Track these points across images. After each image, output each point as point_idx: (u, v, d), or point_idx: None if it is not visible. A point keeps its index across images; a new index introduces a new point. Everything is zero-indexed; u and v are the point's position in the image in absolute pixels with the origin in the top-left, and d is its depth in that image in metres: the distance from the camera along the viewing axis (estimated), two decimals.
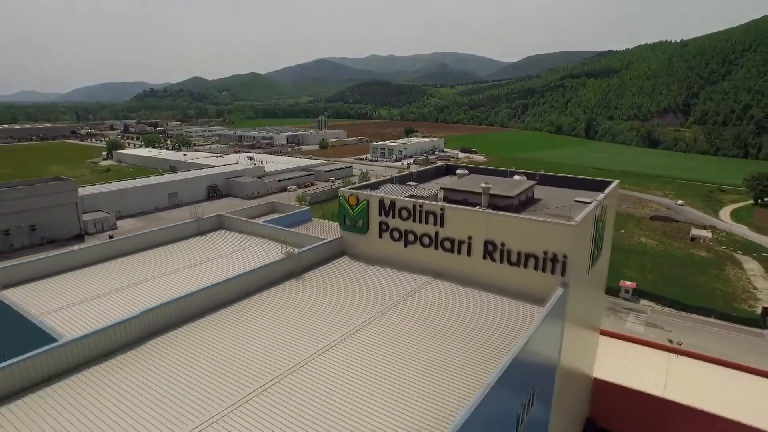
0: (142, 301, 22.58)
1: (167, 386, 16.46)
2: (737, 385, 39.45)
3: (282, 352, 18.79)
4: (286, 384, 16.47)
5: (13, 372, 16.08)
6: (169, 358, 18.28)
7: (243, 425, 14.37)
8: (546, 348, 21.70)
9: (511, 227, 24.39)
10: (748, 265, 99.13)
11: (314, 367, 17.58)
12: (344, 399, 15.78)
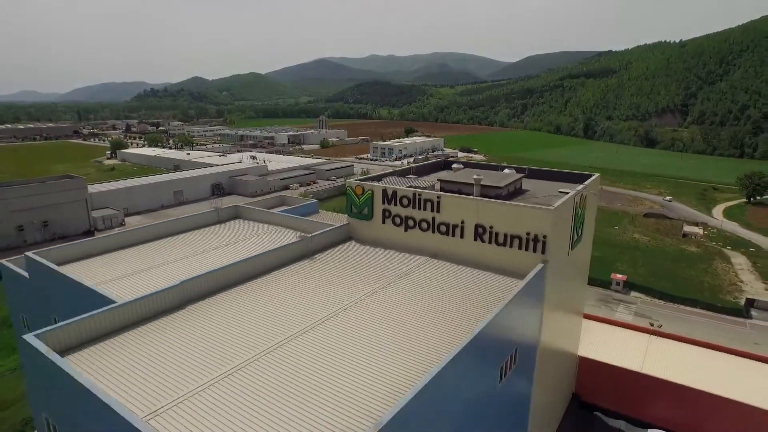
0: (178, 275, 25.95)
1: (204, 340, 19.85)
2: (709, 361, 42.92)
3: (297, 316, 22.16)
4: (301, 341, 19.85)
5: (87, 323, 19.55)
6: (205, 319, 21.69)
7: (270, 370, 17.73)
8: (527, 314, 25.14)
9: (499, 212, 27.84)
10: (735, 260, 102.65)
11: (325, 329, 20.93)
12: (349, 351, 19.12)
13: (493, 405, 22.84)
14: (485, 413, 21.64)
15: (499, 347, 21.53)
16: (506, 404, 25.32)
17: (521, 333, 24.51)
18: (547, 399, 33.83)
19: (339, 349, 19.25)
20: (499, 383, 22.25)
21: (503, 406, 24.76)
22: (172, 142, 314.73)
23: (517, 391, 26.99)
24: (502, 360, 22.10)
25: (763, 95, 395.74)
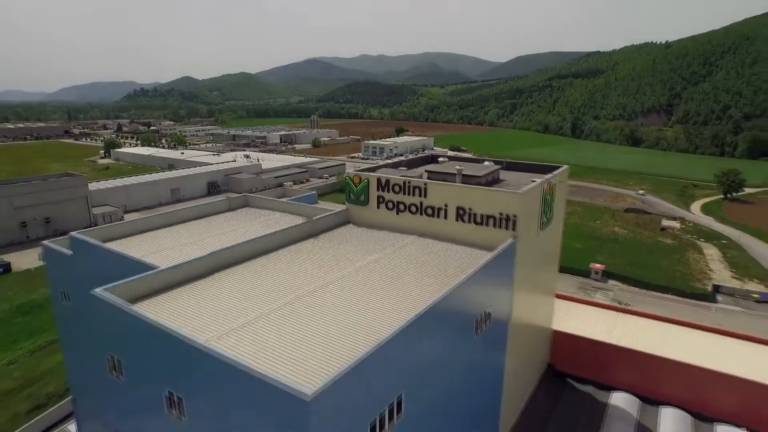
0: (205, 249, 30.48)
1: (236, 295, 24.46)
2: (667, 333, 48.21)
3: (307, 280, 26.77)
4: (312, 297, 24.44)
5: (144, 281, 24.15)
6: (234, 280, 26.30)
7: (289, 316, 22.30)
8: (500, 280, 30.02)
9: (476, 196, 32.69)
10: (707, 251, 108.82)
11: (329, 289, 25.55)
12: (349, 304, 23.76)
13: (471, 365, 27.69)
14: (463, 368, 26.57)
15: (474, 303, 26.38)
16: (483, 368, 30.23)
17: (494, 295, 29.37)
18: (520, 368, 38.62)
19: (341, 302, 23.95)
20: (474, 335, 27.09)
21: (480, 368, 29.64)
22: (165, 141, 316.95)
23: (492, 359, 31.92)
24: (477, 314, 26.95)
25: (744, 96, 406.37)
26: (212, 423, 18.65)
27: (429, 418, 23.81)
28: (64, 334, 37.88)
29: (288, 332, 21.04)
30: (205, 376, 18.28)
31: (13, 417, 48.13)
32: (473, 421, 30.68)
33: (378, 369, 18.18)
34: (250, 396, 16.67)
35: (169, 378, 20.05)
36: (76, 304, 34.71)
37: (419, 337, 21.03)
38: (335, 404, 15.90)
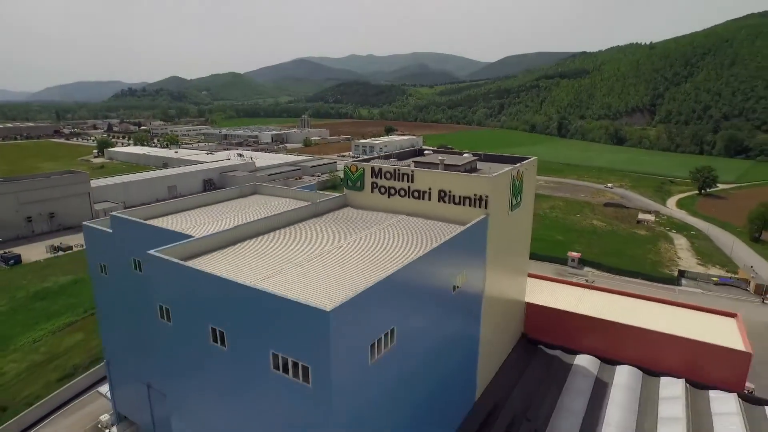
0: (228, 226, 36.25)
1: (263, 255, 30.38)
2: (625, 304, 54.88)
3: (314, 247, 32.67)
4: (319, 259, 30.25)
5: (185, 246, 29.92)
6: (254, 248, 32.13)
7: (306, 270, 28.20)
8: (474, 247, 36.20)
9: (455, 181, 38.85)
10: (678, 241, 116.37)
11: (333, 253, 31.30)
12: (351, 260, 29.80)
13: (450, 320, 33.85)
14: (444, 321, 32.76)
15: (452, 263, 32.56)
16: (461, 327, 36.44)
17: (469, 261, 35.55)
18: (494, 335, 44.86)
19: (344, 261, 29.93)
20: (452, 291, 33.27)
21: (458, 326, 35.82)
22: (158, 141, 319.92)
23: (468, 325, 38.16)
24: (456, 273, 33.13)
25: (723, 96, 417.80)
26: (249, 346, 24.56)
27: (416, 356, 29.92)
28: (101, 304, 43.40)
29: (305, 279, 27.13)
30: (246, 309, 24.21)
31: (45, 385, 53.50)
32: (454, 374, 36.89)
33: (375, 302, 24.30)
34: (284, 317, 22.63)
35: (213, 315, 25.90)
36: (113, 275, 40.30)
37: (406, 284, 27.16)
38: (346, 320, 21.96)
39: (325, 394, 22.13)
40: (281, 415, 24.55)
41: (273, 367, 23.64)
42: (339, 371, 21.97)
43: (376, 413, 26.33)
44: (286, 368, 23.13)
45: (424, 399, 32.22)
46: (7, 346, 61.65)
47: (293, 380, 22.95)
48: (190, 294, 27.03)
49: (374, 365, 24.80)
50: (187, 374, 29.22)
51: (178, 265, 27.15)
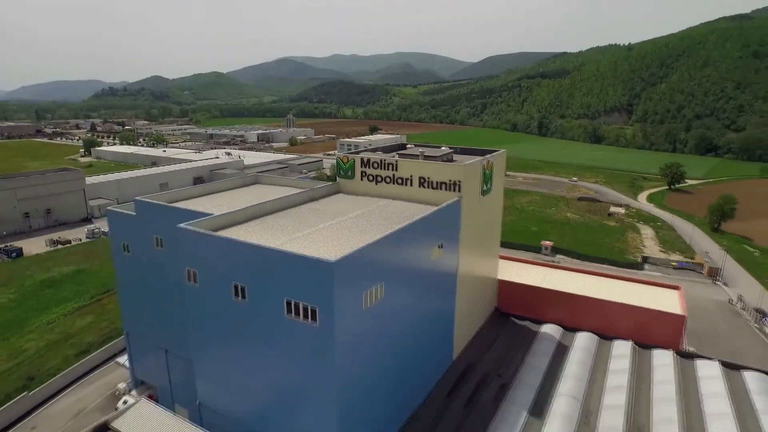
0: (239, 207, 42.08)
1: (282, 228, 36.43)
2: (585, 280, 62.05)
3: (313, 223, 38.83)
4: (318, 232, 36.20)
5: (211, 221, 35.81)
6: (262, 224, 38.15)
7: (309, 239, 34.20)
8: (449, 225, 42.69)
9: (433, 168, 45.29)
10: (644, 231, 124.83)
11: (330, 227, 37.44)
12: (347, 229, 36.00)
13: (430, 286, 40.26)
14: (424, 287, 39.16)
15: (430, 234, 39.01)
16: (438, 296, 42.91)
17: (445, 233, 42.01)
18: (468, 305, 51.35)
19: (339, 233, 36.11)
20: (430, 259, 39.72)
21: (436, 295, 42.28)
22: (144, 140, 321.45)
23: (444, 302, 44.69)
24: (433, 245, 39.60)
25: (696, 96, 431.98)
26: (267, 296, 30.64)
27: (401, 312, 36.26)
28: (123, 280, 48.90)
29: (310, 243, 33.45)
30: (264, 266, 30.33)
31: (63, 359, 58.67)
32: (433, 335, 43.39)
33: (367, 260, 30.66)
34: (297, 270, 28.83)
35: (236, 274, 31.90)
36: (136, 253, 45.91)
37: (391, 249, 33.57)
38: (345, 271, 28.25)
39: (329, 331, 28.41)
40: (293, 355, 30.71)
41: (286, 312, 29.81)
42: (340, 311, 28.28)
43: (369, 353, 32.68)
44: (297, 312, 29.34)
45: (408, 351, 38.60)
46: (24, 328, 66.48)
47: (303, 322, 29.19)
48: (216, 258, 33.01)
49: (367, 311, 31.16)
50: (210, 331, 35.12)
51: (206, 235, 33.16)
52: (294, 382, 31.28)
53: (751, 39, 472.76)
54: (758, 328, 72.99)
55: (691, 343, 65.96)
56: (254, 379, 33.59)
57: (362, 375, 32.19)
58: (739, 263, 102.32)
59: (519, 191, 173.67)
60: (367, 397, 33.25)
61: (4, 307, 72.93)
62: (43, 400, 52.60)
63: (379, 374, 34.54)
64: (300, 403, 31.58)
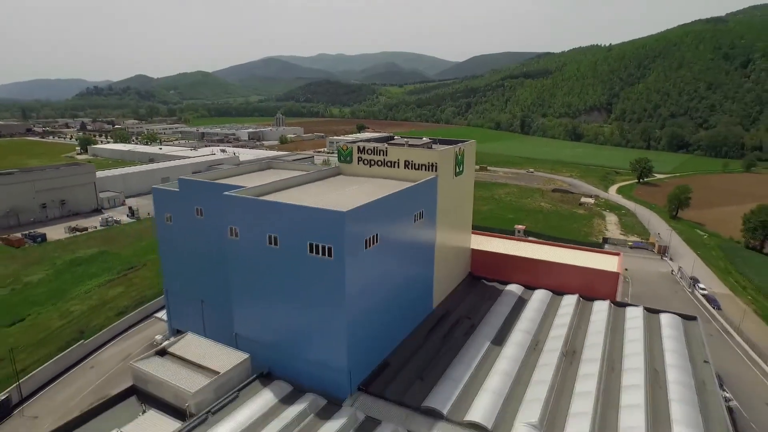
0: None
1: (288, 198, 47.86)
2: (544, 248, 74.47)
3: (324, 192, 50.28)
4: (327, 197, 47.73)
5: (247, 191, 47.13)
6: (284, 195, 49.48)
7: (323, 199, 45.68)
8: (428, 196, 54.50)
9: (416, 153, 57.09)
10: (609, 218, 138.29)
11: (336, 195, 48.95)
12: (348, 197, 47.21)
13: (413, 245, 52.00)
14: (408, 244, 50.87)
15: (413, 202, 50.83)
16: (420, 256, 54.64)
17: (425, 202, 53.81)
18: (445, 271, 63.20)
19: (343, 197, 47.58)
20: (413, 221, 51.52)
21: (418, 255, 54.03)
22: (136, 138, 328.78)
23: (425, 263, 56.51)
24: (415, 211, 51.42)
25: (671, 96, 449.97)
26: (294, 241, 42.05)
27: (391, 258, 47.88)
28: (164, 245, 59.84)
29: (325, 203, 44.77)
30: (293, 218, 41.74)
31: (105, 318, 69.37)
32: (417, 286, 55.14)
33: (366, 214, 42.27)
34: (317, 219, 40.35)
35: (270, 227, 43.22)
36: (177, 222, 56.95)
37: (384, 209, 45.27)
38: (352, 219, 39.82)
39: (341, 263, 40.00)
40: (313, 285, 42.18)
41: (309, 252, 41.33)
42: (348, 249, 39.89)
43: (368, 287, 44.30)
44: (317, 251, 40.89)
45: (397, 295, 50.34)
46: (66, 296, 76.87)
47: (321, 257, 40.74)
48: (254, 216, 44.34)
49: (367, 251, 42.86)
50: (247, 274, 46.36)
51: (248, 199, 44.61)
52: (313, 307, 42.79)
53: (723, 42, 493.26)
54: (690, 291, 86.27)
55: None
56: (282, 309, 44.96)
57: (363, 303, 43.80)
58: (687, 243, 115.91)
59: (498, 184, 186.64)
60: (366, 323, 44.91)
61: (44, 281, 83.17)
62: (94, 349, 63.43)
63: (376, 306, 46.26)
64: (317, 325, 43.08)
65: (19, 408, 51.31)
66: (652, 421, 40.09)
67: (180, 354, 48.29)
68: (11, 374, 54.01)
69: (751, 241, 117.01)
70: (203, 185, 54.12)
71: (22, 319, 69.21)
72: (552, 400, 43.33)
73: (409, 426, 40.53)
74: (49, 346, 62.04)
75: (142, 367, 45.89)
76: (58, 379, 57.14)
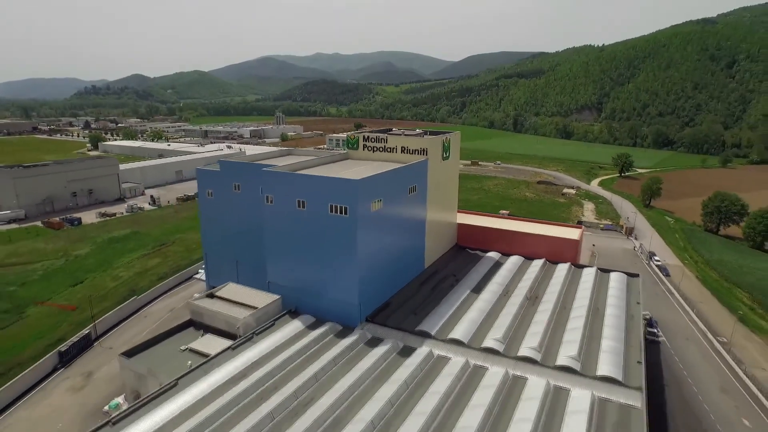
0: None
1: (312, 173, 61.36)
2: (519, 223, 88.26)
3: (337, 169, 63.67)
4: (342, 172, 61.29)
5: (279, 167, 60.56)
6: (308, 171, 62.96)
7: (339, 173, 59.10)
8: (419, 174, 68.01)
9: (410, 140, 70.64)
10: (587, 206, 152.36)
11: (350, 170, 62.43)
12: (357, 172, 60.92)
13: (407, 217, 65.51)
14: (403, 214, 64.46)
15: (407, 178, 64.41)
16: (413, 227, 68.19)
17: (416, 178, 67.34)
18: (435, 239, 76.79)
19: (353, 172, 61.04)
20: (408, 194, 65.09)
21: (412, 224, 67.56)
22: (144, 136, 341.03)
23: (414, 245, 70.08)
24: (408, 186, 65.01)
25: (659, 96, 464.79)
26: (318, 204, 55.49)
27: (391, 221, 61.29)
28: (205, 215, 73.09)
29: (341, 174, 58.11)
30: (317, 186, 55.24)
31: (149, 282, 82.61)
32: (410, 249, 68.67)
33: (373, 184, 55.87)
34: (336, 186, 53.91)
35: (299, 193, 56.64)
36: (217, 196, 70.26)
37: (386, 181, 58.84)
38: (362, 187, 53.41)
39: (354, 220, 53.48)
40: (332, 238, 55.58)
41: (329, 212, 54.78)
42: (360, 209, 53.36)
43: (373, 241, 57.73)
44: (335, 211, 54.35)
45: (395, 252, 63.80)
46: (112, 265, 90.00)
47: (339, 216, 54.20)
48: (287, 186, 57.76)
49: (373, 212, 56.40)
50: (279, 232, 59.75)
51: (283, 173, 58.00)
52: (332, 256, 56.20)
53: (709, 43, 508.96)
54: (647, 263, 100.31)
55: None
56: (307, 259, 58.35)
57: (370, 253, 57.25)
58: (654, 227, 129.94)
59: (488, 177, 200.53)
60: (372, 269, 58.40)
61: (90, 254, 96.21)
62: (145, 304, 76.72)
63: (379, 257, 59.77)
64: (335, 270, 56.47)
65: (98, 341, 64.60)
66: (588, 338, 53.77)
67: (225, 296, 61.81)
68: (87, 318, 67.26)
69: (708, 224, 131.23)
70: (242, 165, 67.62)
71: (81, 282, 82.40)
72: (515, 326, 57.04)
73: (405, 342, 54.13)
74: (108, 301, 75.18)
75: (199, 304, 59.33)
76: (121, 324, 70.40)
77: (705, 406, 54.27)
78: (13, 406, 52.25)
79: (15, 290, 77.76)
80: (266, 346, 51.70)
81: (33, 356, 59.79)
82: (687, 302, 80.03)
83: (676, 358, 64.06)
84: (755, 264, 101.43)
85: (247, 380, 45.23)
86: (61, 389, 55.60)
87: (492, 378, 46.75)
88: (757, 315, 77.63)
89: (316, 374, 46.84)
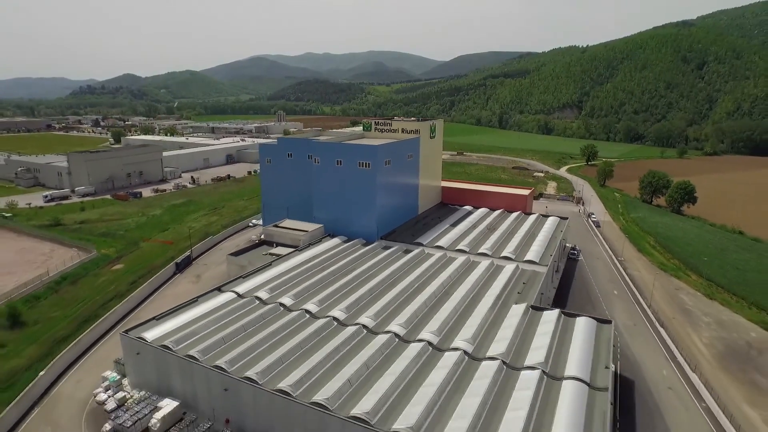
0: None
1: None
2: (488, 186, 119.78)
3: (361, 142, 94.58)
4: (365, 143, 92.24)
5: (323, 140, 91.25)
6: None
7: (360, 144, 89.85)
8: (413, 146, 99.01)
9: (407, 124, 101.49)
10: (550, 185, 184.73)
11: (368, 142, 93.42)
12: (369, 142, 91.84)
13: (406, 174, 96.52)
14: (401, 177, 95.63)
15: (405, 149, 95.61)
16: (408, 186, 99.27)
17: (413, 150, 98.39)
18: (425, 202, 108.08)
19: (367, 143, 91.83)
20: (407, 158, 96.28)
21: (406, 185, 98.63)
22: (160, 132, 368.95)
23: (408, 203, 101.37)
24: (406, 154, 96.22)
25: (635, 95, 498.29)
26: (350, 161, 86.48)
27: (395, 175, 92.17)
28: (265, 176, 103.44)
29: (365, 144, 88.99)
30: (351, 151, 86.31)
31: (216, 229, 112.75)
32: (407, 198, 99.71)
33: (385, 149, 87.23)
34: (362, 150, 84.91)
35: (338, 155, 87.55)
36: (275, 162, 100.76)
37: (393, 149, 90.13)
38: (380, 151, 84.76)
39: (374, 171, 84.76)
40: (360, 183, 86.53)
41: (358, 166, 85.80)
42: (378, 163, 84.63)
43: (386, 186, 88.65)
44: (362, 165, 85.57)
45: (399, 195, 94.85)
46: (183, 220, 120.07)
47: (365, 168, 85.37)
48: (329, 151, 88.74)
49: (386, 167, 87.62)
50: (323, 183, 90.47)
51: (327, 142, 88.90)
52: (359, 196, 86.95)
53: (682, 45, 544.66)
54: (586, 219, 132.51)
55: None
56: (342, 200, 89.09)
57: (383, 195, 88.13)
58: (602, 199, 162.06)
59: (471, 164, 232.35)
60: (385, 207, 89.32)
61: (162, 215, 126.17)
62: (218, 242, 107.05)
63: (389, 199, 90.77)
64: (361, 207, 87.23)
65: (196, 260, 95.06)
66: (524, 245, 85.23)
67: (285, 226, 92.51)
68: (183, 248, 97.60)
69: (644, 196, 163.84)
70: (294, 140, 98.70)
71: (165, 229, 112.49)
72: (477, 240, 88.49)
73: (406, 248, 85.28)
74: (192, 239, 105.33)
75: (270, 229, 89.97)
76: (205, 252, 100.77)
77: (596, 288, 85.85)
78: (160, 289, 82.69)
79: (124, 233, 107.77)
80: (318, 250, 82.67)
81: (158, 266, 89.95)
82: (606, 241, 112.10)
83: (587, 268, 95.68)
84: (666, 221, 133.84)
85: (310, 261, 76.25)
86: (184, 282, 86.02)
87: (455, 262, 78.36)
88: (652, 248, 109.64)
89: (353, 259, 77.95)
